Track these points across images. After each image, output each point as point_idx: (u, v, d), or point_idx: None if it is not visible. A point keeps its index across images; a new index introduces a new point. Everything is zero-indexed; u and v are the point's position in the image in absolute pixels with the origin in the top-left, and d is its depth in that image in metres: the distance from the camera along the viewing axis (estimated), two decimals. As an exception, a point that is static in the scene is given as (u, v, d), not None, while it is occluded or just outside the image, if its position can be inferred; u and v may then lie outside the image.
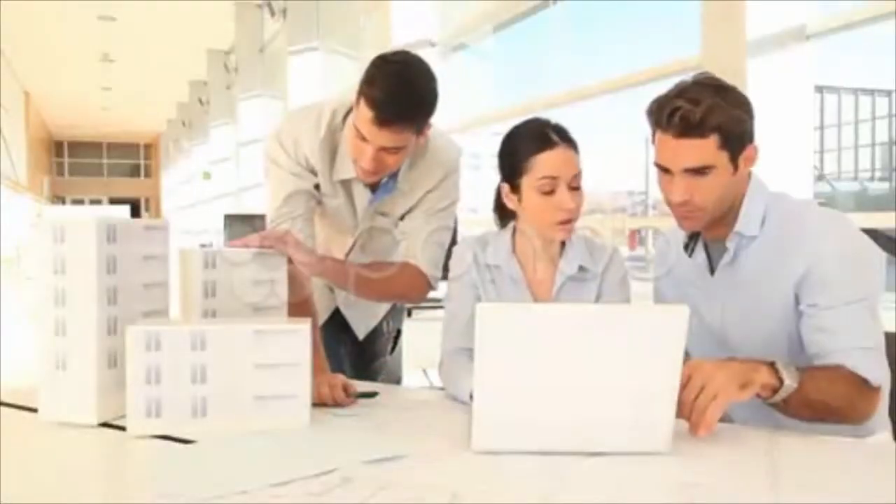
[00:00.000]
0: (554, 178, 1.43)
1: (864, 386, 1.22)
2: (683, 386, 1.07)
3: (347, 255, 1.81)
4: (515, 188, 1.48)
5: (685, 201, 1.31)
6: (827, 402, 1.19)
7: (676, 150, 1.29)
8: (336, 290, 1.93)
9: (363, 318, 1.97)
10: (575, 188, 1.45)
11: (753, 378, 1.10)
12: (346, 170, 1.66)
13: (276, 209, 1.66)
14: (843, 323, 1.25)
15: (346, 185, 1.70)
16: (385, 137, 1.49)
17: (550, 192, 1.44)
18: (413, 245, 1.69)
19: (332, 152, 1.67)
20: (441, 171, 1.69)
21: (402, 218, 1.74)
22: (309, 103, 1.74)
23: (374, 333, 2.01)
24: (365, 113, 1.47)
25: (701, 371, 1.10)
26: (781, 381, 1.14)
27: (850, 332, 1.25)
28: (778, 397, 1.16)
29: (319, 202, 1.73)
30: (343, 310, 1.95)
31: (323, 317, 1.91)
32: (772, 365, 1.15)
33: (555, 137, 1.45)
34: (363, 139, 1.50)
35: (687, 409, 1.10)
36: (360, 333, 1.98)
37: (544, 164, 1.44)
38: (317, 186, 1.70)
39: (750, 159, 1.34)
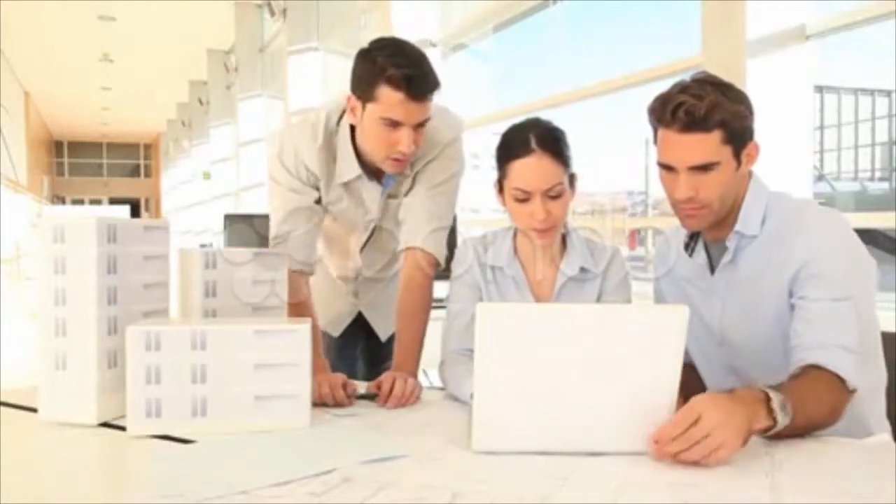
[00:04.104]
0: (525, 190, 1.42)
1: (841, 387, 1.20)
2: (691, 423, 1.03)
3: (361, 250, 1.84)
4: (502, 189, 1.48)
5: (690, 198, 1.31)
6: (814, 421, 1.16)
7: (681, 147, 1.29)
8: (360, 295, 1.96)
9: (386, 320, 1.98)
10: (554, 197, 1.42)
11: (753, 428, 1.07)
12: (348, 171, 1.67)
13: (278, 225, 1.68)
14: (828, 318, 1.24)
15: (350, 185, 1.70)
16: (420, 111, 1.50)
17: (524, 200, 1.43)
18: (413, 227, 1.67)
19: (331, 157, 1.68)
20: (439, 145, 1.68)
21: (406, 194, 1.73)
22: (303, 115, 1.76)
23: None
24: (393, 97, 1.47)
25: (711, 416, 1.03)
26: (776, 422, 1.10)
27: (834, 329, 1.23)
28: (769, 434, 1.12)
29: (326, 210, 1.75)
30: (365, 313, 1.98)
31: (346, 321, 1.97)
32: (768, 401, 1.09)
33: (533, 144, 1.41)
34: (395, 125, 1.50)
35: (685, 448, 1.04)
36: (383, 335, 2.00)
37: (517, 173, 1.43)
38: (318, 200, 1.71)
39: (751, 157, 1.34)
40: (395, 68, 1.46)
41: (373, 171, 1.68)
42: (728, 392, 1.10)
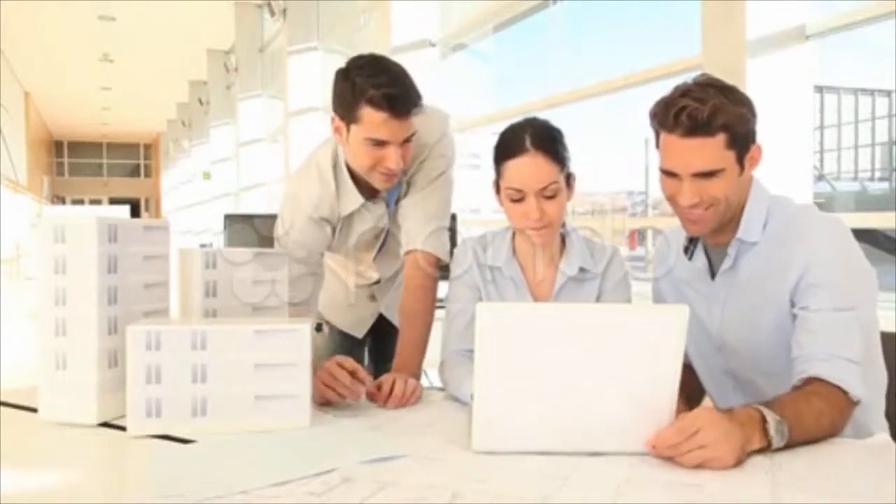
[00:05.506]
0: (518, 189, 1.42)
1: (844, 399, 1.19)
2: (688, 435, 1.03)
3: (374, 259, 1.86)
4: (499, 189, 1.48)
5: (696, 203, 1.30)
6: (813, 437, 1.15)
7: (684, 152, 1.27)
8: (379, 297, 1.98)
9: None
10: (549, 197, 1.42)
11: (747, 449, 1.07)
12: (351, 202, 1.68)
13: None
14: (830, 329, 1.23)
15: (355, 213, 1.71)
16: (405, 128, 1.51)
17: (519, 200, 1.43)
18: (412, 230, 1.68)
19: (336, 193, 1.68)
20: (427, 146, 1.69)
21: (402, 197, 1.74)
22: (300, 166, 1.76)
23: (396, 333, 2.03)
24: (376, 117, 1.48)
25: (710, 432, 1.04)
26: (770, 444, 1.09)
27: (837, 340, 1.22)
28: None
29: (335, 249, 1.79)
30: (387, 314, 1.98)
31: (370, 322, 2.00)
32: (763, 423, 1.09)
33: (528, 143, 1.41)
34: (382, 143, 1.51)
35: (676, 454, 1.05)
36: None
37: (511, 172, 1.43)
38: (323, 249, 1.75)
39: (754, 160, 1.33)
40: (375, 88, 1.46)
41: (372, 192, 1.69)
42: (727, 411, 1.10)
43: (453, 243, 1.71)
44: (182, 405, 1.20)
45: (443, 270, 1.69)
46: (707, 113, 1.24)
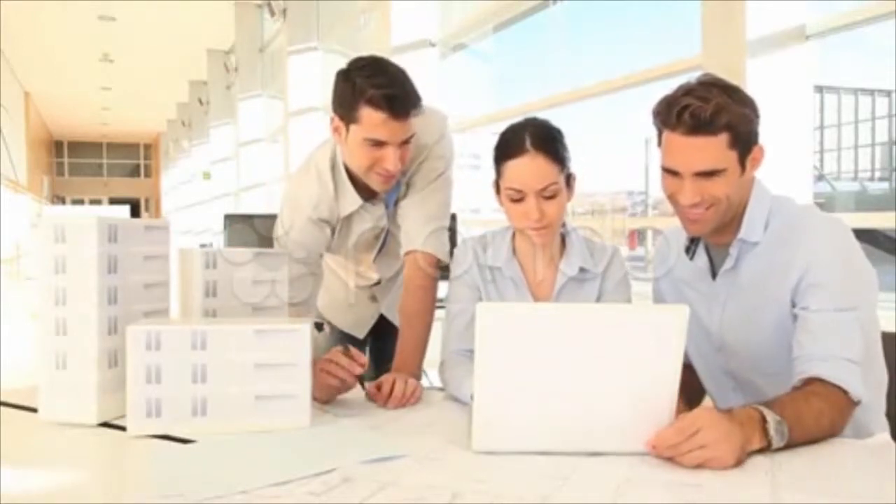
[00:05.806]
0: (518, 189, 1.42)
1: (844, 400, 1.19)
2: (689, 435, 1.03)
3: (374, 259, 1.86)
4: (499, 189, 1.48)
5: (696, 203, 1.30)
6: (813, 437, 1.15)
7: (687, 150, 1.27)
8: (379, 298, 1.98)
9: None
10: (548, 197, 1.42)
11: (747, 449, 1.06)
12: (349, 203, 1.68)
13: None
14: (831, 329, 1.23)
15: (355, 214, 1.71)
16: (404, 129, 1.52)
17: (519, 200, 1.43)
18: (412, 231, 1.68)
19: (335, 195, 1.68)
20: (426, 147, 1.69)
21: (402, 198, 1.74)
22: (299, 167, 1.77)
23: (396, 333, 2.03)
24: (375, 117, 1.48)
25: (710, 432, 1.04)
26: (770, 444, 1.09)
27: (836, 341, 1.22)
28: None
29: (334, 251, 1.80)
30: (386, 313, 1.99)
31: (370, 323, 2.00)
32: (763, 423, 1.09)
33: (527, 144, 1.41)
34: (380, 144, 1.52)
35: (677, 454, 1.05)
36: None
37: (511, 172, 1.43)
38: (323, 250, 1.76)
39: (756, 160, 1.32)
40: (375, 89, 1.47)
41: (371, 193, 1.69)
42: (727, 411, 1.10)
43: (453, 243, 1.71)
44: (182, 405, 1.20)
45: (443, 271, 1.69)
46: (710, 112, 1.24)
